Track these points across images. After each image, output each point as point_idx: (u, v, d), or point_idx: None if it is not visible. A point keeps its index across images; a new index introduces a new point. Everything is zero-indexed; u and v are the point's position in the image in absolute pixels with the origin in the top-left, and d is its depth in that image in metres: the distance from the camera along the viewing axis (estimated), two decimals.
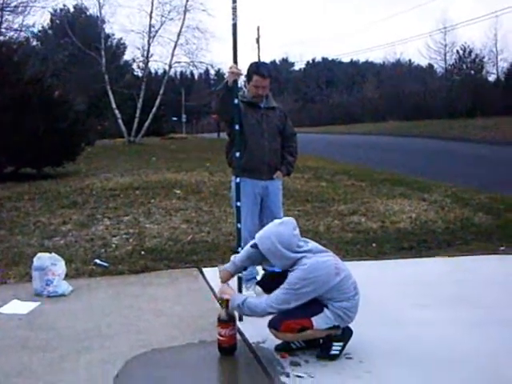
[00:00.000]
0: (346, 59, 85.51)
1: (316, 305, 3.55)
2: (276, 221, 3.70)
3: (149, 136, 36.81)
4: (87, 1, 59.67)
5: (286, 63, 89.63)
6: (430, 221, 7.99)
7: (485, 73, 52.57)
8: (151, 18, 33.62)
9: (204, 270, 5.71)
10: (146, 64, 35.54)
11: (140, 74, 37.33)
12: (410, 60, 71.83)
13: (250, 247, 3.80)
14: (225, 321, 3.68)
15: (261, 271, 5.07)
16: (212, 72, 53.55)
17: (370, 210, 8.77)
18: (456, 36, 73.28)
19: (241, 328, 4.05)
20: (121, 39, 46.34)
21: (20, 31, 26.84)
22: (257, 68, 4.77)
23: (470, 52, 52.70)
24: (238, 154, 4.42)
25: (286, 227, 3.59)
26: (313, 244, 3.69)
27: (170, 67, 35.69)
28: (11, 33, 25.60)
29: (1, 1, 24.95)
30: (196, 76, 66.89)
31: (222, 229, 7.59)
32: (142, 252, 6.50)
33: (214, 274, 5.32)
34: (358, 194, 10.38)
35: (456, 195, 10.08)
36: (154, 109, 33.66)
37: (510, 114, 32.61)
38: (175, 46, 33.98)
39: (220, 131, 37.97)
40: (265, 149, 4.80)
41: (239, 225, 4.39)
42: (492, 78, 51.91)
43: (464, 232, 7.34)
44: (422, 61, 63.74)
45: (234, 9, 4.24)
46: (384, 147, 25.38)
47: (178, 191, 10.67)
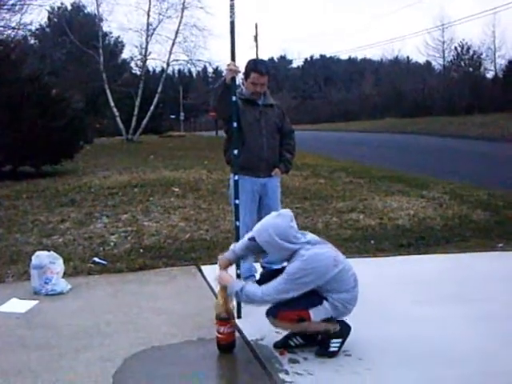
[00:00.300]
0: (344, 56, 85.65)
1: (315, 296, 3.54)
2: (273, 213, 3.69)
3: (147, 134, 36.83)
4: None
5: (284, 60, 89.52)
6: (429, 218, 7.99)
7: (483, 70, 52.65)
8: (149, 16, 33.61)
9: (202, 268, 5.71)
10: (144, 62, 35.52)
11: (138, 72, 37.34)
12: (408, 57, 71.90)
13: (248, 240, 3.78)
14: (223, 318, 3.67)
15: (259, 269, 5.08)
16: (210, 70, 53.52)
17: (369, 207, 8.78)
18: (454, 33, 73.14)
19: (239, 325, 4.06)
20: (118, 37, 46.41)
21: (17, 29, 26.74)
22: (254, 65, 4.76)
23: (468, 49, 52.76)
24: (236, 152, 4.42)
25: (283, 219, 3.58)
26: (311, 236, 3.69)
27: (168, 65, 35.68)
28: (9, 31, 25.51)
29: None
30: (194, 74, 66.80)
31: (221, 226, 7.59)
32: (141, 250, 6.49)
33: (213, 272, 5.33)
34: (357, 191, 10.39)
35: (454, 192, 10.09)
36: (152, 107, 33.64)
37: (508, 111, 32.63)
38: (173, 44, 33.98)
39: (218, 129, 37.94)
40: (263, 146, 4.79)
41: (238, 222, 4.38)
42: (490, 75, 51.99)
43: (462, 229, 7.35)
44: (420, 58, 63.90)
45: (232, 6, 4.23)
46: (382, 144, 25.39)
47: (177, 189, 10.66)
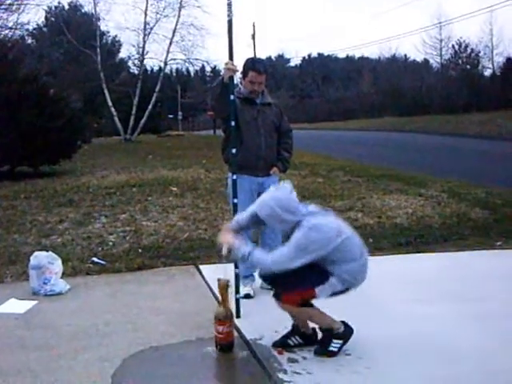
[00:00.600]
0: (342, 55, 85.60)
1: (320, 274, 3.52)
2: (272, 188, 3.67)
3: (145, 134, 36.80)
4: None
5: (282, 59, 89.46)
6: (427, 216, 7.99)
7: (481, 68, 52.69)
8: (146, 15, 33.58)
9: (201, 267, 5.71)
10: (142, 61, 35.49)
11: (136, 72, 37.28)
12: (406, 55, 71.91)
13: (250, 215, 3.74)
14: (222, 318, 3.67)
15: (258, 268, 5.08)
16: (208, 69, 53.33)
17: (367, 206, 8.78)
18: (451, 31, 73.28)
19: (238, 325, 4.06)
20: (116, 37, 46.27)
21: (15, 29, 26.73)
22: (252, 64, 4.76)
23: (466, 47, 52.79)
24: (234, 151, 4.42)
25: (283, 191, 3.57)
26: (312, 207, 3.65)
27: (166, 64, 35.67)
28: (6, 31, 25.49)
29: None
30: (192, 73, 66.66)
31: (219, 226, 7.54)
32: (139, 250, 6.49)
33: (212, 271, 5.34)
34: (355, 190, 10.38)
35: (452, 190, 10.09)
36: (150, 106, 33.63)
37: (506, 109, 32.66)
38: (170, 43, 33.95)
39: (216, 128, 37.93)
40: (261, 145, 4.79)
41: None
42: (488, 73, 52.03)
43: (461, 227, 7.35)
44: (418, 56, 63.87)
45: (230, 5, 4.23)
46: (380, 143, 25.39)
47: (175, 188, 10.66)
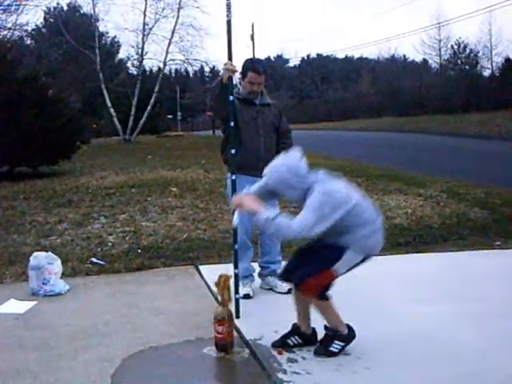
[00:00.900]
0: (341, 55, 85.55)
1: (335, 251, 3.50)
2: (281, 154, 3.65)
3: (144, 134, 36.76)
4: None
5: (281, 59, 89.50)
6: (426, 216, 8.00)
7: (479, 68, 52.66)
8: (145, 16, 33.51)
9: (200, 268, 5.71)
10: (141, 62, 35.46)
11: (135, 72, 37.23)
12: (405, 55, 71.94)
13: (260, 186, 3.74)
14: (221, 318, 3.67)
15: (257, 269, 5.09)
16: (207, 69, 53.34)
17: None
18: (450, 31, 73.09)
19: (237, 325, 4.06)
20: (115, 37, 46.27)
21: (14, 30, 26.74)
22: (252, 64, 4.77)
23: (465, 47, 52.80)
24: (234, 151, 4.42)
25: (293, 157, 3.56)
26: (322, 173, 3.60)
27: (165, 65, 35.61)
28: (5, 31, 25.49)
29: None
30: (191, 73, 66.67)
31: (218, 226, 7.58)
32: (139, 250, 6.49)
33: (211, 272, 5.34)
34: None
35: (452, 190, 10.10)
36: (149, 107, 33.59)
37: (505, 109, 32.67)
38: (169, 44, 33.90)
39: (215, 128, 37.91)
40: (260, 145, 4.79)
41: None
42: (487, 73, 52.00)
43: (460, 227, 7.35)
44: (417, 56, 63.87)
45: (229, 5, 4.23)
46: (380, 143, 25.40)
47: (174, 189, 10.66)
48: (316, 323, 3.74)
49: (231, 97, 4.33)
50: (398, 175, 12.46)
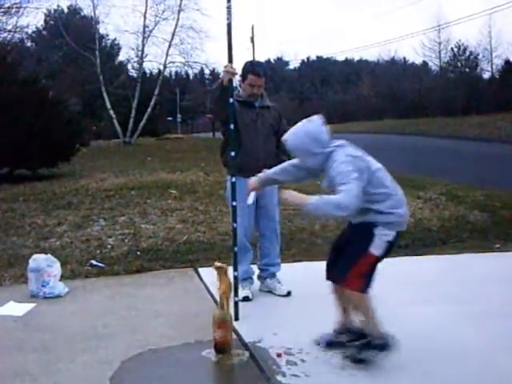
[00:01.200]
0: (341, 57, 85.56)
1: (365, 233, 3.41)
2: (304, 120, 3.59)
3: (144, 136, 36.76)
4: (81, 1, 59.43)
5: (281, 62, 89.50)
6: (425, 219, 7.99)
7: (479, 70, 52.70)
8: (145, 18, 33.57)
9: (200, 270, 5.70)
10: (141, 64, 35.51)
11: (135, 75, 37.26)
12: (405, 58, 71.88)
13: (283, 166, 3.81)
14: (221, 321, 3.67)
15: (257, 271, 5.08)
16: (207, 72, 53.32)
17: None
18: (450, 33, 73.00)
19: (237, 327, 4.06)
20: (115, 40, 46.21)
21: (14, 32, 26.76)
22: (252, 67, 4.78)
23: (465, 49, 52.80)
24: (234, 154, 4.42)
25: (314, 123, 3.52)
26: (341, 141, 3.57)
27: (165, 67, 35.68)
28: (5, 34, 25.52)
29: None
30: (191, 76, 66.64)
31: (218, 228, 7.58)
32: (138, 252, 6.49)
33: (211, 274, 5.33)
34: None
35: (451, 193, 10.10)
36: (149, 109, 33.62)
37: (505, 112, 32.68)
38: (169, 46, 33.96)
39: (215, 131, 37.92)
40: (260, 148, 4.80)
41: (235, 224, 4.38)
42: (487, 76, 52.06)
43: (459, 230, 7.35)
44: (417, 59, 63.86)
45: (229, 8, 4.23)
46: (379, 145, 25.32)
47: (174, 191, 10.66)
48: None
49: (231, 99, 4.34)
50: (398, 177, 12.18)
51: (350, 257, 3.44)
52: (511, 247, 6.57)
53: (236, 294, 4.31)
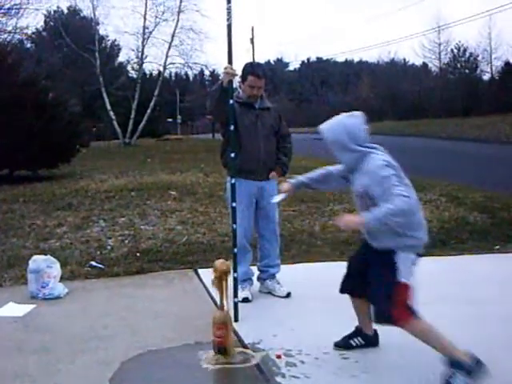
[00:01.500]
0: (341, 59, 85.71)
1: (387, 262, 3.27)
2: (345, 113, 3.49)
3: (144, 137, 36.80)
4: (81, 2, 59.47)
5: (281, 63, 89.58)
6: (425, 220, 7.97)
7: (479, 71, 52.78)
8: (145, 20, 33.68)
9: (199, 271, 5.70)
10: (141, 65, 35.55)
11: (135, 76, 37.30)
12: (405, 59, 71.95)
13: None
14: (220, 322, 3.67)
15: (257, 272, 5.08)
16: (207, 73, 53.31)
17: None
18: (450, 35, 72.91)
19: (236, 328, 4.06)
20: (115, 41, 46.23)
21: (14, 33, 26.79)
22: (252, 68, 4.78)
23: (465, 51, 52.88)
24: (233, 155, 4.42)
25: (356, 119, 3.42)
26: (377, 145, 3.46)
27: (165, 68, 35.75)
28: (5, 35, 25.54)
29: None
30: (191, 77, 66.67)
31: (218, 230, 7.58)
32: (138, 253, 6.49)
33: (210, 275, 5.33)
34: None
35: (451, 194, 10.09)
36: (149, 110, 33.67)
37: (505, 113, 32.71)
38: (169, 47, 34.03)
39: (215, 132, 37.95)
40: (260, 149, 4.80)
41: (235, 225, 4.38)
42: (486, 77, 52.12)
43: (459, 231, 7.35)
44: (417, 60, 63.86)
45: (229, 9, 4.24)
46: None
47: (173, 192, 10.66)
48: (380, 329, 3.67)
49: (231, 100, 4.34)
50: None
51: (381, 296, 3.27)
52: (511, 248, 6.57)
53: (236, 296, 4.31)
